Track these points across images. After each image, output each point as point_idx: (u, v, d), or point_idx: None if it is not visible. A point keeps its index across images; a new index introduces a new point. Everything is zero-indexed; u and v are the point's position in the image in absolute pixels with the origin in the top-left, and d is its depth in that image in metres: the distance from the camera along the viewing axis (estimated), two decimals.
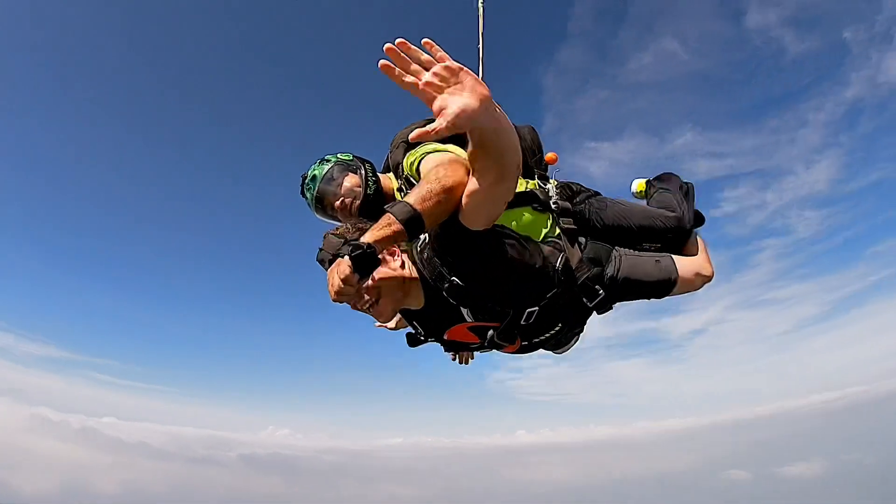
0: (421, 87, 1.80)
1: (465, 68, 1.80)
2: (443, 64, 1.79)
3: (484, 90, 1.79)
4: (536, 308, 2.57)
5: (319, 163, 3.24)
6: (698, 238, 3.34)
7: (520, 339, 2.76)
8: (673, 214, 3.20)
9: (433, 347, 3.04)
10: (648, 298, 3.04)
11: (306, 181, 3.24)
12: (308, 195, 3.22)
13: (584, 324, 2.97)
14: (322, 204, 3.17)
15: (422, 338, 2.93)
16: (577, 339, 3.16)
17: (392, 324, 3.44)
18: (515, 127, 2.14)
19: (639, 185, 3.87)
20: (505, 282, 2.43)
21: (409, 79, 1.81)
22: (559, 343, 3.02)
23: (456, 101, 1.76)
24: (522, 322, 2.60)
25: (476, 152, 2.00)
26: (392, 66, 1.80)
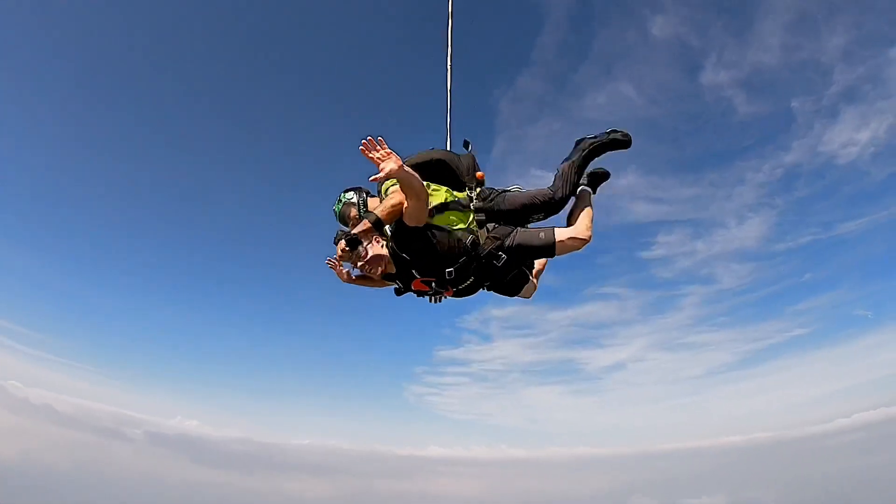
0: (375, 159, 4.00)
1: (392, 152, 3.96)
2: (384, 150, 3.97)
3: (398, 161, 3.94)
4: (452, 269, 4.57)
5: (337, 202, 5.38)
6: (588, 206, 5.03)
7: (451, 287, 4.82)
8: (548, 191, 4.97)
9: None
10: (541, 258, 5.40)
11: (335, 208, 5.41)
12: (336, 215, 5.40)
13: (503, 277, 5.15)
14: (342, 220, 5.37)
15: (402, 289, 5.05)
16: (521, 288, 5.47)
17: (378, 281, 5.34)
18: (460, 157, 5.16)
19: None
20: (431, 255, 4.50)
21: (370, 154, 4.03)
22: (470, 289, 5.00)
23: (386, 165, 3.93)
24: (447, 277, 4.62)
25: (402, 187, 4.24)
26: (366, 148, 4.02)
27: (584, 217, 4.86)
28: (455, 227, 4.61)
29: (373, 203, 5.16)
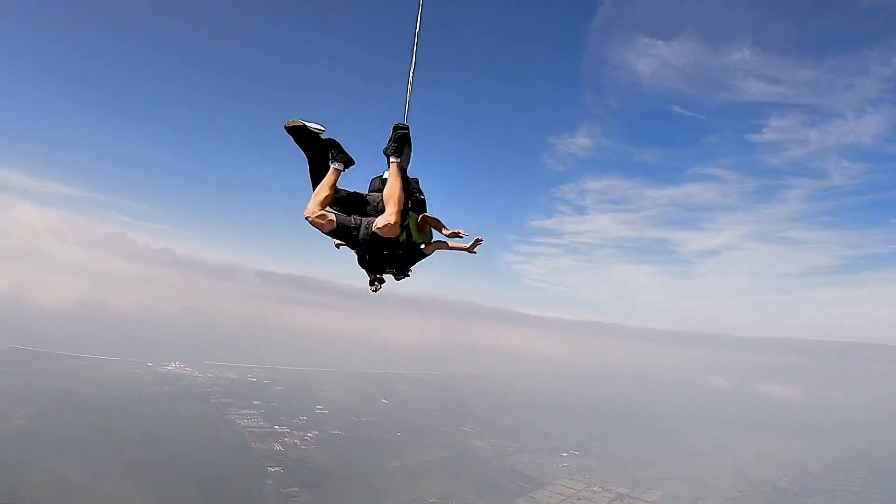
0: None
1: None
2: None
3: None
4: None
5: None
6: (394, 182, 6.27)
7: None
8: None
9: None
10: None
11: None
12: None
13: (386, 264, 6.86)
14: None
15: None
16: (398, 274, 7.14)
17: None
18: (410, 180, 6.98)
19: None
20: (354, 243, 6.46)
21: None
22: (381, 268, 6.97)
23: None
24: (367, 258, 6.63)
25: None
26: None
27: (390, 201, 6.06)
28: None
29: None
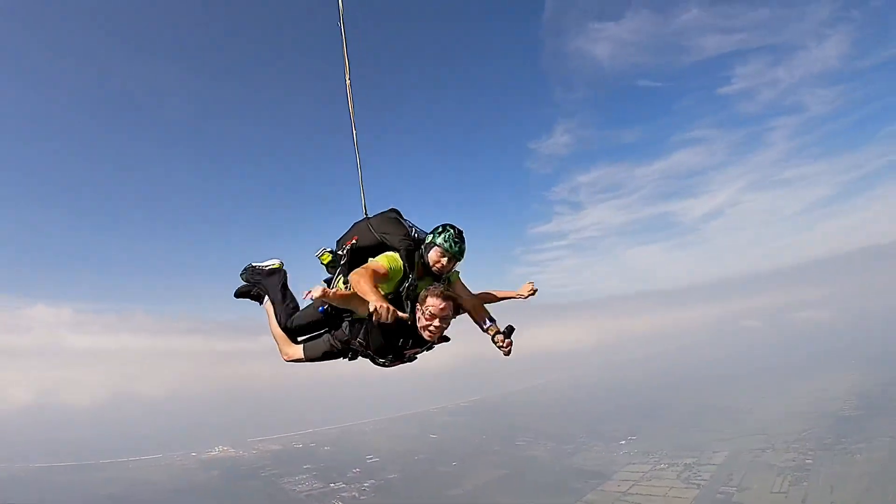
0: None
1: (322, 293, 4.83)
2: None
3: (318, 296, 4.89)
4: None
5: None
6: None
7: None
8: None
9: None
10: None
11: (462, 245, 6.05)
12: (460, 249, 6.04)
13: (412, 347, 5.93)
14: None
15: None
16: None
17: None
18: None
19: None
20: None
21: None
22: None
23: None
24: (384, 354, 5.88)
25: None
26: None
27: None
28: None
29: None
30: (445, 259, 5.87)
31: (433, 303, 5.33)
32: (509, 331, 6.13)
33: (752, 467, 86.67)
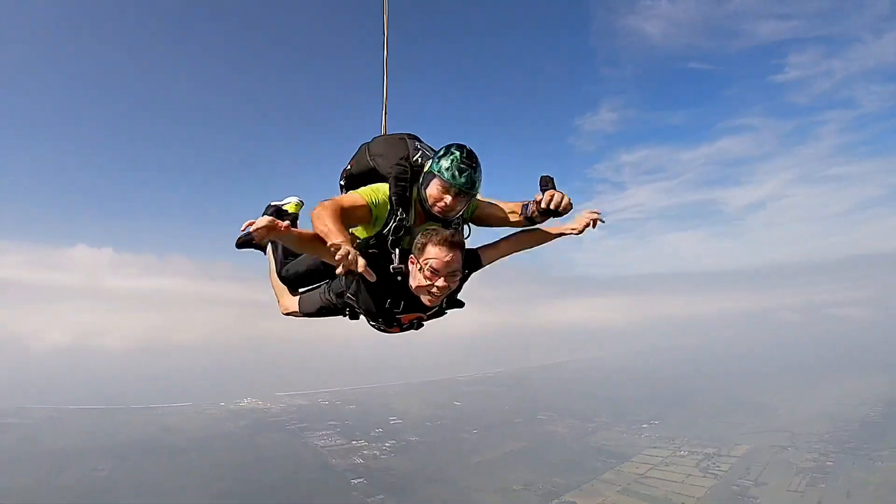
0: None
1: (272, 225, 3.49)
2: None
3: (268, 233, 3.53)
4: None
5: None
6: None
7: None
8: None
9: None
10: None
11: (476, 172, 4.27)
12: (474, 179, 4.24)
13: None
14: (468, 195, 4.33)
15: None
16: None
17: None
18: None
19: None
20: None
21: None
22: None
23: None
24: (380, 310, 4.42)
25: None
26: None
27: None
28: None
29: None
30: (449, 196, 4.09)
31: (435, 253, 3.74)
32: (545, 185, 4.54)
33: (772, 464, 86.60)
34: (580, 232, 4.51)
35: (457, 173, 4.01)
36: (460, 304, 4.38)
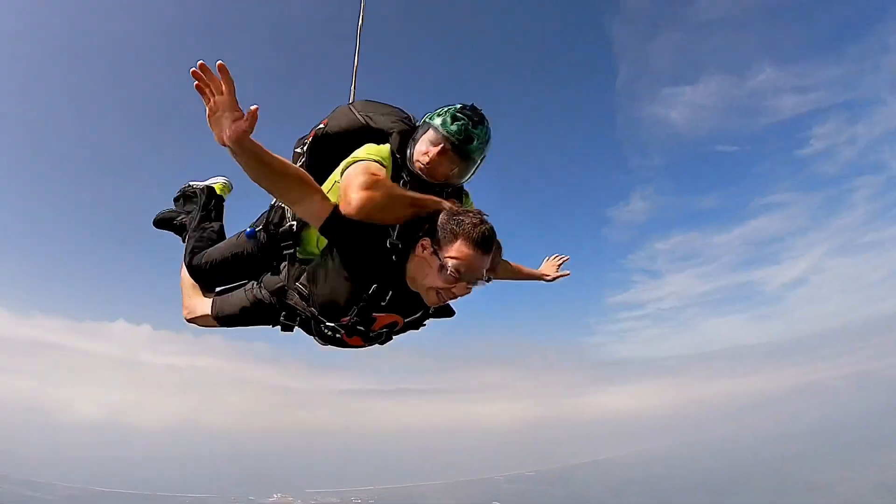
0: (207, 106, 2.37)
1: (229, 107, 2.36)
2: (219, 97, 2.35)
3: (227, 132, 2.36)
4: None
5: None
6: None
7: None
8: None
9: None
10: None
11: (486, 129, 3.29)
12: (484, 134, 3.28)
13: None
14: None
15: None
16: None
17: None
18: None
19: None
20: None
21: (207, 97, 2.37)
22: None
23: (214, 127, 2.40)
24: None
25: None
26: (200, 76, 2.33)
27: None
28: None
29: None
30: (436, 149, 3.11)
31: (467, 252, 2.67)
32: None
33: None
34: (552, 280, 4.56)
35: (449, 120, 3.13)
36: (451, 313, 3.26)
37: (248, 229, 3.52)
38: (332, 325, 3.10)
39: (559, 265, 4.57)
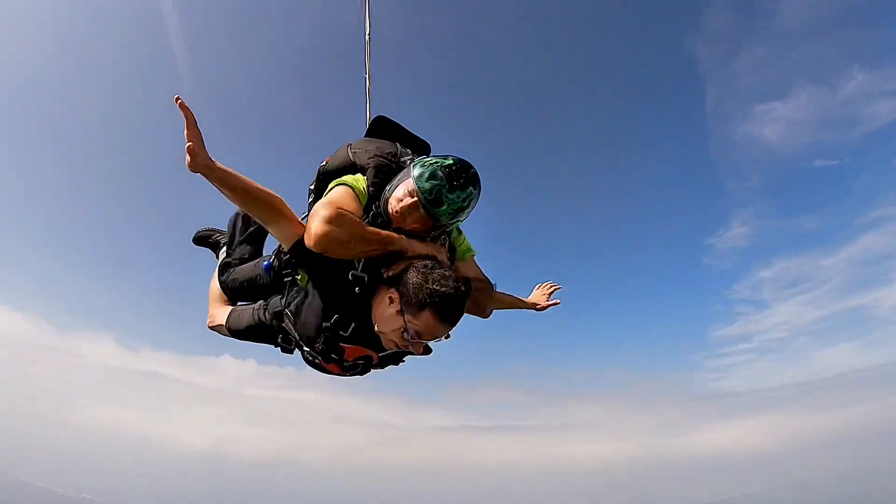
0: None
1: (191, 141, 2.64)
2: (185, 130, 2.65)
3: (190, 161, 2.66)
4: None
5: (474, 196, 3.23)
6: None
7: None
8: None
9: None
10: None
11: (473, 194, 3.19)
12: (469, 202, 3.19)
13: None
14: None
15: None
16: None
17: None
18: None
19: None
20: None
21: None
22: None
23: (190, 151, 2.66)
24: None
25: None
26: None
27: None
28: None
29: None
30: (410, 201, 3.05)
31: (429, 325, 2.79)
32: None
33: None
34: (542, 309, 4.39)
35: (426, 175, 3.00)
36: (427, 352, 3.07)
37: (266, 262, 3.77)
38: (308, 350, 3.30)
39: (550, 293, 4.41)
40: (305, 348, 3.32)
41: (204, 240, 4.78)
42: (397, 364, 3.45)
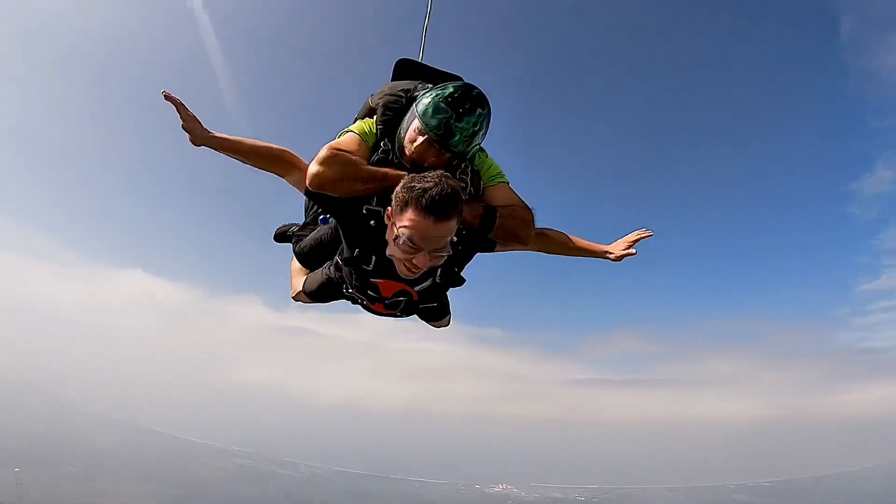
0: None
1: (185, 121, 3.06)
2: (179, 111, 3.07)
3: (191, 138, 3.09)
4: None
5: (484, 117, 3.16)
6: None
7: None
8: None
9: None
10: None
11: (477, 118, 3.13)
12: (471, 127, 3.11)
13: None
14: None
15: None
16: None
17: None
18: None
19: None
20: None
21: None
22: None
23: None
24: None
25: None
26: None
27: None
28: None
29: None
30: (419, 141, 3.09)
31: (414, 220, 2.67)
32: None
33: None
34: (617, 259, 3.75)
35: (430, 112, 3.04)
36: (460, 282, 3.37)
37: (323, 215, 3.85)
38: (350, 291, 3.46)
39: (634, 242, 3.75)
40: (349, 290, 3.46)
41: (283, 235, 4.53)
42: (435, 302, 3.53)
